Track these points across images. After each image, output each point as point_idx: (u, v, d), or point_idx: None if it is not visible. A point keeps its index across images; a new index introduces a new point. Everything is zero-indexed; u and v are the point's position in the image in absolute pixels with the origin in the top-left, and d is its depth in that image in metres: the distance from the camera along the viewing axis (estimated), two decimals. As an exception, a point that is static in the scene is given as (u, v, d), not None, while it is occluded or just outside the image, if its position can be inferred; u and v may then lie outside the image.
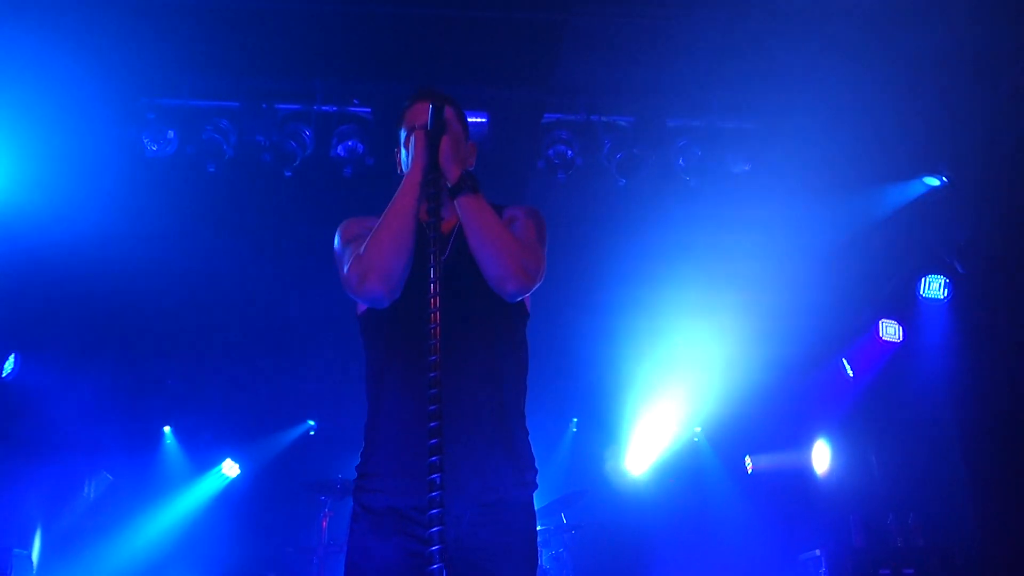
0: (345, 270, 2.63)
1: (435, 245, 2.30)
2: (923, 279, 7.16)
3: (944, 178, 6.50)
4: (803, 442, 9.52)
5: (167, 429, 10.36)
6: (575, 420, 10.88)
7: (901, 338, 7.66)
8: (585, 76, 6.47)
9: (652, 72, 6.44)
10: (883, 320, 7.71)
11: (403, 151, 2.92)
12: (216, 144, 6.17)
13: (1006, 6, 5.50)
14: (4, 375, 7.36)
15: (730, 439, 10.49)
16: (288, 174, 6.32)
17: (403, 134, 2.93)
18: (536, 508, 2.76)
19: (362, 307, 2.80)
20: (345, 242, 2.75)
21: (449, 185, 2.60)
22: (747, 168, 6.56)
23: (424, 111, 2.73)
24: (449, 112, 2.82)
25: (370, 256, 2.56)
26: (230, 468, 10.38)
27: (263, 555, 9.07)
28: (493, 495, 2.57)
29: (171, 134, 6.18)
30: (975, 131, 6.43)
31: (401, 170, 2.92)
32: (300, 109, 6.35)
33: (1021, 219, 6.44)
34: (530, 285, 2.63)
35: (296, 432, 10.77)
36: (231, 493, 10.30)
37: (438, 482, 2.03)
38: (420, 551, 2.50)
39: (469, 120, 3.11)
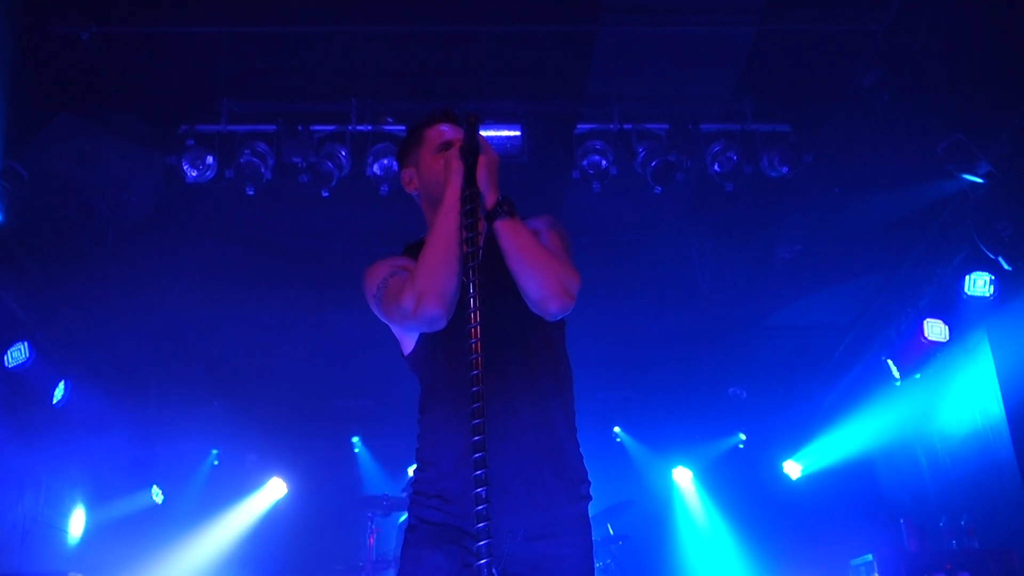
0: (395, 301, 2.61)
1: (472, 261, 2.31)
2: (968, 277, 7.05)
3: (985, 176, 6.40)
4: (850, 445, 9.41)
5: (214, 451, 10.48)
6: (618, 429, 10.84)
7: (947, 337, 7.54)
8: (617, 85, 6.47)
9: (684, 78, 6.44)
10: (928, 320, 7.59)
11: (415, 170, 2.92)
12: (255, 167, 6.25)
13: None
14: (55, 402, 7.49)
15: (775, 443, 10.40)
16: (326, 194, 6.39)
17: (413, 151, 2.94)
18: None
19: (407, 347, 2.81)
20: (380, 282, 2.74)
21: (486, 209, 2.60)
22: (784, 171, 6.51)
23: (449, 131, 2.75)
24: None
25: (423, 278, 2.55)
26: (277, 487, 10.46)
27: (311, 573, 9.12)
28: (545, 513, 2.59)
29: (210, 159, 6.28)
30: (1016, 124, 6.34)
31: (414, 188, 2.93)
32: (335, 130, 6.41)
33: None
34: (571, 303, 2.63)
35: (341, 450, 10.84)
36: (278, 512, 10.38)
37: (484, 496, 2.04)
38: (473, 563, 2.52)
39: (503, 134, 3.13)
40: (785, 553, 9.45)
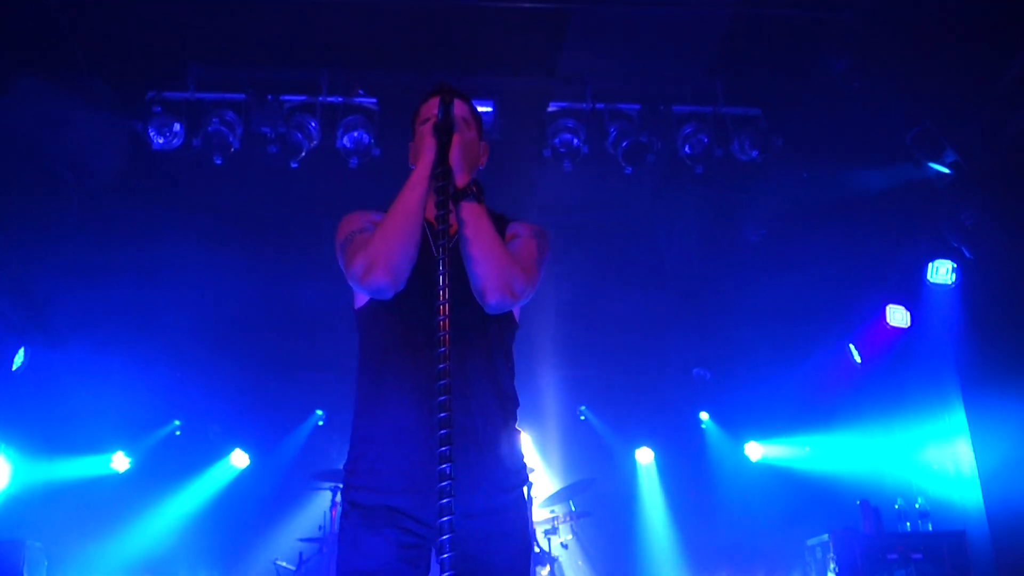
0: (350, 261, 2.63)
1: (442, 239, 2.31)
2: (931, 264, 7.15)
3: (952, 165, 6.48)
4: (811, 427, 9.53)
5: (176, 421, 10.41)
6: (583, 408, 10.90)
7: (909, 323, 7.66)
8: (590, 64, 6.46)
9: (658, 60, 6.44)
10: (890, 305, 7.70)
11: (412, 144, 2.92)
12: (222, 136, 6.18)
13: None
14: (14, 368, 7.40)
15: (737, 425, 10.50)
16: (295, 165, 6.33)
17: (412, 126, 2.94)
18: (546, 496, 2.79)
19: (360, 301, 2.81)
20: (348, 234, 2.75)
21: (455, 188, 2.59)
22: (754, 155, 6.55)
23: (436, 106, 2.73)
24: (462, 110, 2.80)
25: (376, 247, 2.57)
26: (239, 459, 10.42)
27: (273, 544, 9.12)
28: (486, 499, 2.61)
29: (177, 127, 6.20)
30: (983, 115, 6.41)
31: (412, 162, 2.92)
32: (306, 100, 6.35)
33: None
34: (512, 303, 2.65)
35: (305, 423, 10.81)
36: (241, 484, 10.34)
37: (448, 472, 2.04)
38: (410, 543, 2.54)
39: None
40: (744, 533, 9.57)
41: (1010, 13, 5.66)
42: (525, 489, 2.77)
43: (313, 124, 6.29)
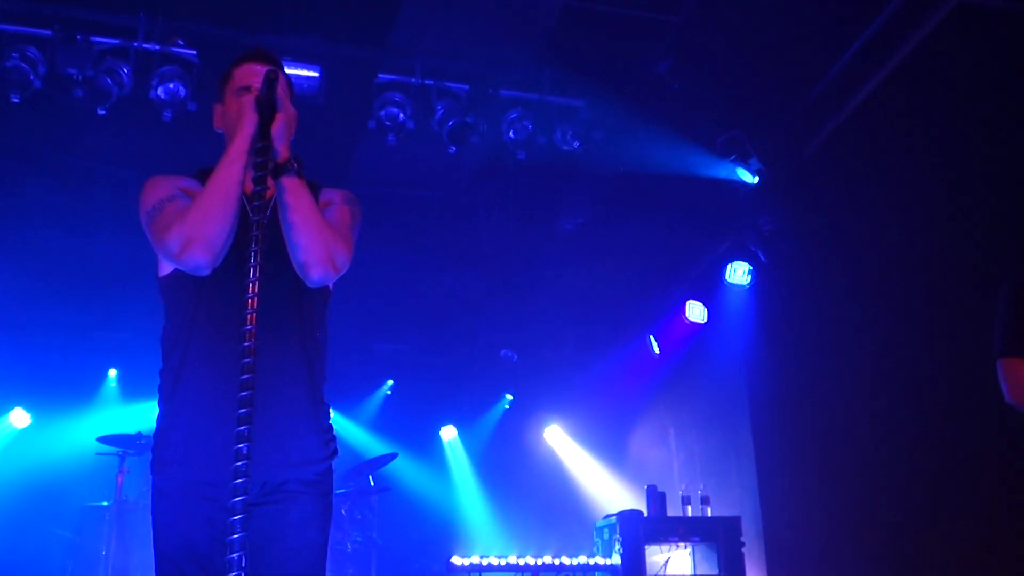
0: (162, 235, 2.53)
1: (259, 215, 2.28)
2: (730, 265, 7.54)
3: (756, 172, 6.86)
4: (609, 412, 9.88)
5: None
6: (390, 382, 10.87)
7: (706, 319, 8.06)
8: (422, 39, 6.41)
9: (489, 42, 6.46)
10: (690, 301, 8.08)
11: (221, 108, 2.83)
12: (23, 73, 5.73)
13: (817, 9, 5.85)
14: None
15: (539, 408, 10.75)
16: (102, 112, 5.96)
17: (222, 88, 2.86)
18: (344, 471, 2.79)
19: (166, 270, 2.71)
20: (156, 203, 2.63)
21: (275, 162, 2.54)
22: (576, 146, 6.69)
23: (257, 74, 2.64)
24: (282, 82, 2.72)
25: (194, 224, 2.48)
26: (19, 418, 9.78)
27: (53, 511, 8.63)
28: (296, 470, 2.61)
29: (-30, 59, 5.72)
30: (788, 128, 6.81)
31: (220, 126, 2.82)
32: (119, 44, 5.98)
33: (821, 215, 6.89)
34: (334, 275, 2.67)
35: (96, 383, 10.27)
36: (20, 445, 9.72)
37: (244, 452, 2.02)
38: (218, 519, 2.45)
39: (302, 73, 3.05)
40: (539, 513, 9.84)
41: (823, 34, 6.04)
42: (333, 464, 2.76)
43: (125, 70, 5.92)
